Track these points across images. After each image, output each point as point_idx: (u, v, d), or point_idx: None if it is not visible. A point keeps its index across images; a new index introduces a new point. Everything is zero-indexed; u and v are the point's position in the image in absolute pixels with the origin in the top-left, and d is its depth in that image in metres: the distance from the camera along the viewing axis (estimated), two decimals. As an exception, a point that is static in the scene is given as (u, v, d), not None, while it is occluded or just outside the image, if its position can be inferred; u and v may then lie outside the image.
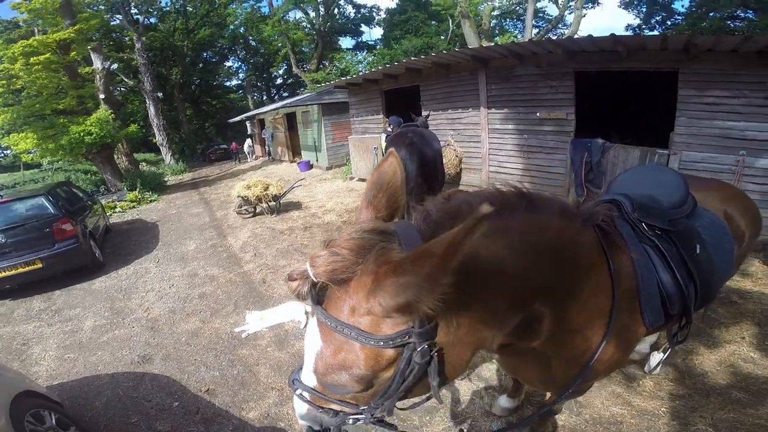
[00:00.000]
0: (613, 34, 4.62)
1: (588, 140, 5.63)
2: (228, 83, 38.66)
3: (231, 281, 5.15)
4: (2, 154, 27.89)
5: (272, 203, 7.90)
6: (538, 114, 6.25)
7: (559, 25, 21.87)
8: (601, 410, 2.52)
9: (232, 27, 29.84)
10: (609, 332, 1.21)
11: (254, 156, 21.42)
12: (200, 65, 33.05)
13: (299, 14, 28.11)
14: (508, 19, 29.01)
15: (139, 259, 6.66)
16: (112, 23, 22.22)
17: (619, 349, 1.31)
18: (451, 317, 0.78)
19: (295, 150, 16.21)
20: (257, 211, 8.17)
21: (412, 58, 7.85)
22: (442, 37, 24.74)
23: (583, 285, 1.13)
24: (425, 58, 7.28)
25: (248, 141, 21.75)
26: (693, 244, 1.46)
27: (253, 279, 5.11)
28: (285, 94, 35.04)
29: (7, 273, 5.31)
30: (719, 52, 4.29)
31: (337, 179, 11.25)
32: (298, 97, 17.54)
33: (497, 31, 26.07)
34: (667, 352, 1.57)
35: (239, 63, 37.18)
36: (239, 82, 38.35)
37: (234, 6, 28.02)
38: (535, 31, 22.56)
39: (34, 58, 9.94)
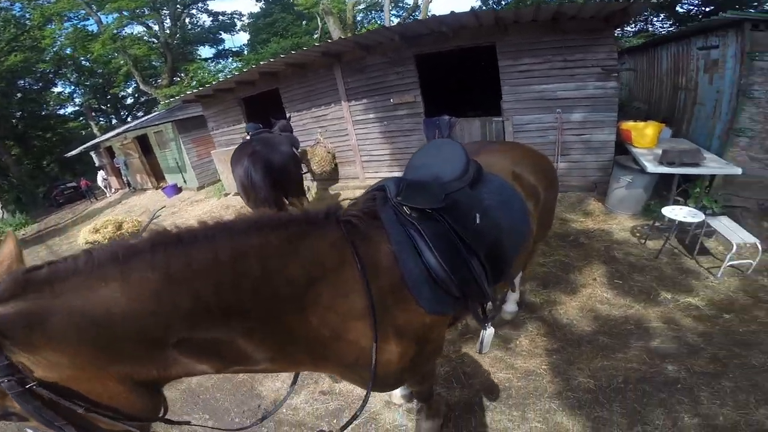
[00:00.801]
0: (434, 15, 4.87)
1: (436, 118, 6.03)
2: (62, 111, 32.27)
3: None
4: None
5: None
6: (391, 100, 6.44)
7: (415, 13, 22.97)
8: (489, 377, 2.57)
9: (55, 49, 24.77)
10: (377, 331, 1.12)
11: (113, 189, 18.40)
12: (17, 95, 26.85)
13: (139, 28, 24.82)
14: (372, 12, 29.57)
15: None
16: None
17: (408, 341, 1.23)
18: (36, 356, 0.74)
19: (157, 175, 14.19)
20: None
21: (261, 62, 7.40)
22: (315, 36, 24.12)
23: (312, 293, 1.06)
24: (276, 60, 6.92)
25: (101, 174, 18.46)
26: (472, 215, 1.44)
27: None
28: (140, 114, 30.67)
29: None
30: (523, 23, 4.82)
31: (212, 198, 10.17)
32: (144, 118, 15.41)
33: (365, 25, 26.37)
34: (486, 331, 1.52)
35: (72, 87, 31.31)
36: (77, 108, 32.38)
37: (52, 26, 23.33)
38: (395, 20, 23.47)
39: None
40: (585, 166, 5.19)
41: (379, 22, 28.36)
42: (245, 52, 28.67)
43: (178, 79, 24.63)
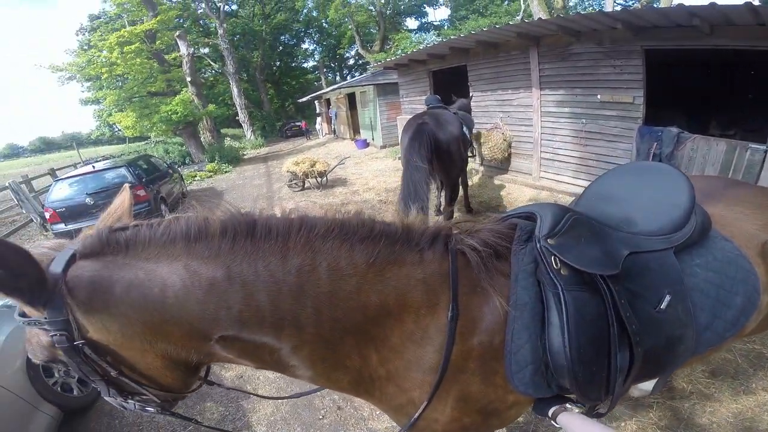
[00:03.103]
0: (681, 5, 3.64)
1: (660, 129, 4.58)
2: (305, 64, 39.67)
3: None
4: (114, 131, 31.95)
5: (319, 179, 8.06)
6: (598, 97, 5.27)
7: (656, 1, 18.19)
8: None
9: (305, 10, 30.25)
10: (435, 391, 0.89)
11: (324, 133, 21.94)
12: (279, 48, 34.21)
13: (365, -3, 27.63)
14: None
15: None
16: (198, 11, 23.68)
17: (471, 410, 0.95)
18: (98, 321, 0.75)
19: (355, 128, 16.28)
20: (305, 185, 8.36)
21: (451, 37, 7.14)
22: (517, 18, 22.37)
23: (383, 329, 0.86)
24: (466, 37, 6.54)
25: (318, 119, 22.36)
26: (658, 295, 0.99)
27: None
28: (356, 74, 35.15)
29: (93, 232, 6.05)
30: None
31: (388, 158, 11.03)
32: (355, 78, 17.43)
33: (578, 10, 22.71)
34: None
35: (314, 45, 37.80)
36: (315, 63, 39.11)
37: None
38: (618, 8, 19.06)
39: (127, 47, 10.96)
40: None
41: (595, 9, 23.53)
42: (445, 27, 28.72)
43: (388, 46, 26.70)
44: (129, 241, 0.77)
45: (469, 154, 7.52)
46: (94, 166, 7.15)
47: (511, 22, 6.08)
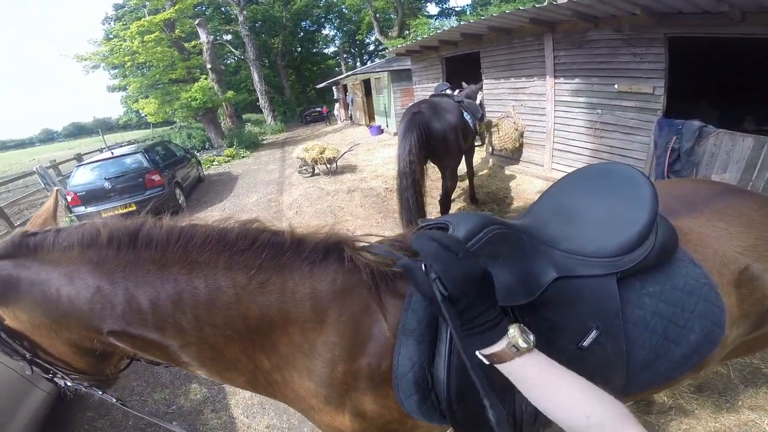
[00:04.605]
0: None
1: (680, 122, 4.23)
2: (326, 50, 39.37)
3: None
4: (140, 116, 32.95)
5: (328, 165, 8.04)
6: (616, 86, 4.91)
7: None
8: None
9: None
10: (329, 404, 0.88)
11: (341, 119, 21.82)
12: (300, 34, 34.03)
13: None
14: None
15: (210, 207, 7.47)
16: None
17: (365, 428, 0.91)
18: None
19: (370, 115, 16.15)
20: (315, 171, 8.36)
21: (461, 23, 6.84)
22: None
23: (270, 339, 0.85)
24: (477, 22, 6.25)
25: (336, 105, 22.30)
26: (582, 330, 0.85)
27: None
28: (376, 60, 34.62)
29: (111, 213, 6.29)
30: None
31: (400, 146, 10.89)
32: (370, 64, 17.16)
33: None
34: None
35: (335, 30, 37.40)
36: (336, 48, 38.75)
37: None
38: None
39: (147, 36, 11.10)
40: None
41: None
42: (467, 12, 27.66)
43: (407, 32, 26.06)
44: (37, 245, 0.85)
45: (477, 143, 7.32)
46: (112, 152, 7.36)
47: (521, 7, 5.74)
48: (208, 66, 14.35)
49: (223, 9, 25.81)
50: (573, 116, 5.73)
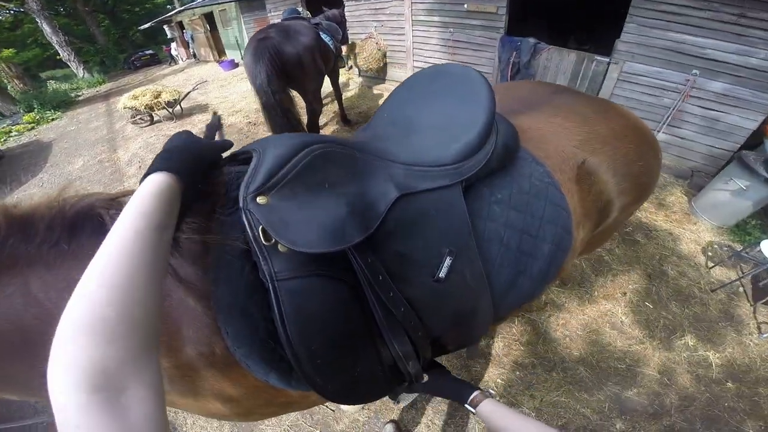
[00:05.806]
0: None
1: (518, 39, 4.65)
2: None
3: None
4: None
5: (169, 109, 6.67)
6: (465, 6, 5.06)
7: None
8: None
9: None
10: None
11: (183, 59, 18.68)
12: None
13: None
14: None
15: (23, 185, 5.69)
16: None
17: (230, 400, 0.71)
18: None
19: (219, 50, 14.23)
20: (155, 119, 6.89)
21: None
22: None
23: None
24: None
25: (172, 45, 18.78)
26: (434, 260, 0.71)
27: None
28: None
29: None
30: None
31: (259, 79, 9.69)
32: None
33: None
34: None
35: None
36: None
37: None
38: None
39: None
40: (692, 147, 3.71)
41: None
42: None
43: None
44: None
45: (341, 64, 6.89)
46: None
47: None
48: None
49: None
50: (429, 35, 5.86)
